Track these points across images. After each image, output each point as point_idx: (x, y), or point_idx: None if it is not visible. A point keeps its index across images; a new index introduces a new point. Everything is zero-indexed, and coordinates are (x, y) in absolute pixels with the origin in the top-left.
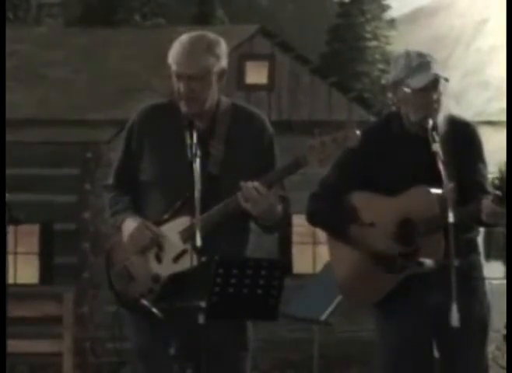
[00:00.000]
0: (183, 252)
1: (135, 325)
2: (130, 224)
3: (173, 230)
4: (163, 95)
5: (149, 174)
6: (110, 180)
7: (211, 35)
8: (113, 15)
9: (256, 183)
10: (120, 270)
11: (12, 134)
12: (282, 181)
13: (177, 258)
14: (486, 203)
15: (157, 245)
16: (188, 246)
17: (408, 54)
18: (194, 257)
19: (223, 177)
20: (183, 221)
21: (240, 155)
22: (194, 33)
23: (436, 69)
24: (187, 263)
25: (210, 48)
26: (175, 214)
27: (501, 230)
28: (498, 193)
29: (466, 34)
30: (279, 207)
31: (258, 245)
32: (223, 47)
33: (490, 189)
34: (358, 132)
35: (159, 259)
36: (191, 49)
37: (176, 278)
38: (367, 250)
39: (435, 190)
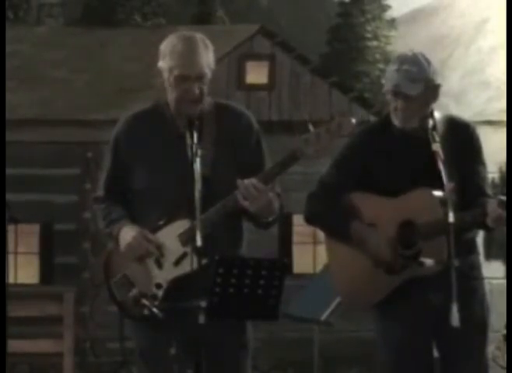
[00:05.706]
0: (184, 255)
1: (136, 325)
2: (127, 234)
3: (171, 234)
4: (163, 96)
5: (141, 182)
6: (100, 192)
7: (198, 34)
8: (113, 15)
9: (253, 180)
10: (121, 279)
11: (12, 134)
12: (278, 176)
13: (178, 261)
14: (492, 207)
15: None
16: (188, 249)
17: (397, 57)
18: (195, 259)
19: (214, 178)
20: (181, 225)
21: (229, 154)
22: (185, 34)
23: (404, 80)
24: (189, 265)
25: (208, 47)
26: (172, 218)
27: (501, 229)
28: (502, 198)
29: (466, 34)
30: (276, 203)
31: (258, 244)
32: None
33: (490, 192)
34: (353, 120)
35: (159, 265)
36: (195, 49)
37: (178, 281)
38: (367, 253)
39: (437, 193)
